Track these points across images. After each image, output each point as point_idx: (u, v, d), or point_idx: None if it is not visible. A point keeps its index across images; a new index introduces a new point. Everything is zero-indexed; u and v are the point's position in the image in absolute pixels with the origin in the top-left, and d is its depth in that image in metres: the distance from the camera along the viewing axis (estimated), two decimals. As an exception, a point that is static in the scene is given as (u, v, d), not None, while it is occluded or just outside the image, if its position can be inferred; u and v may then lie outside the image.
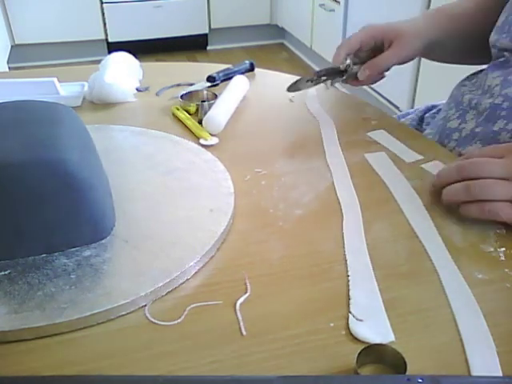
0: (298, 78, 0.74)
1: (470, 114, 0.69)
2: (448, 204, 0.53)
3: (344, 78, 0.73)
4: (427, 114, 0.85)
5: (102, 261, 0.45)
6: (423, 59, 0.87)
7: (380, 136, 0.70)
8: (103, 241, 0.48)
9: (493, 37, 0.70)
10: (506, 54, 0.67)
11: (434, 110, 0.84)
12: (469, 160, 0.52)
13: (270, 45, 3.66)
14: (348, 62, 0.72)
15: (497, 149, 0.52)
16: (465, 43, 0.79)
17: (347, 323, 0.40)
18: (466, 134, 0.68)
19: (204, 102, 0.77)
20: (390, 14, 2.26)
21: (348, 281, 0.44)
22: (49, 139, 0.46)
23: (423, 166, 0.63)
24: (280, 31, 3.62)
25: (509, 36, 0.66)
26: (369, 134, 0.70)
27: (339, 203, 0.55)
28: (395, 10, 2.20)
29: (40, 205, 0.44)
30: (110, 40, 3.27)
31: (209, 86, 0.86)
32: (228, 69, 0.91)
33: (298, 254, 0.48)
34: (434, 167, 0.61)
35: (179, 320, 0.41)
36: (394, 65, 0.73)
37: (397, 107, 2.28)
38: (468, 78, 0.76)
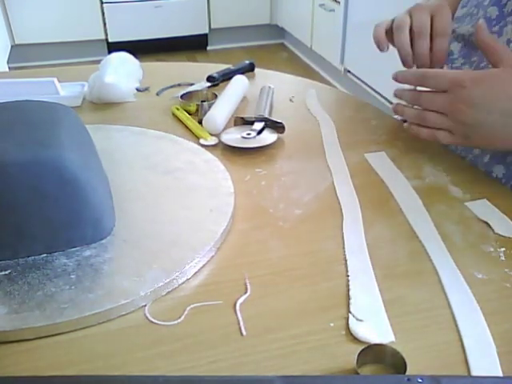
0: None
1: None
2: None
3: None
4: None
5: (102, 261, 0.45)
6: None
7: (377, 160, 0.64)
8: (103, 241, 0.48)
9: (453, 26, 0.72)
10: (453, 45, 0.71)
11: None
12: (417, 93, 0.58)
13: (269, 45, 3.66)
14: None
15: (444, 80, 0.55)
16: None
17: (347, 323, 0.40)
18: None
19: (204, 101, 0.77)
20: (389, 15, 2.26)
21: (348, 281, 0.44)
22: (48, 139, 0.46)
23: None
24: (280, 31, 3.62)
25: (471, 22, 0.69)
26: (366, 155, 0.65)
27: (339, 203, 0.55)
28: (395, 10, 2.20)
29: (40, 205, 0.44)
30: (110, 40, 3.27)
31: (209, 86, 0.86)
32: (228, 69, 0.91)
33: (298, 253, 0.48)
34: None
35: (179, 320, 0.41)
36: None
37: (397, 107, 2.28)
38: None
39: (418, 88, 0.60)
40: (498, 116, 0.53)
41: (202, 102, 0.77)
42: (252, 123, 0.69)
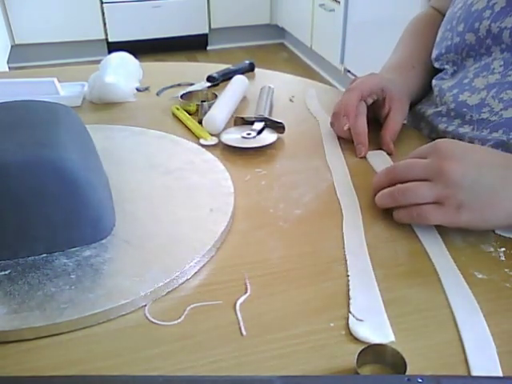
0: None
1: (423, 123, 0.74)
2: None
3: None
4: None
5: (102, 261, 0.45)
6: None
7: (377, 158, 0.64)
8: (103, 241, 0.48)
9: (434, 53, 0.73)
10: (446, 66, 0.72)
11: (405, 121, 0.86)
12: (395, 164, 0.52)
13: (269, 45, 3.66)
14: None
15: (422, 150, 0.51)
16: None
17: (347, 323, 0.40)
18: None
19: (204, 101, 0.77)
20: (389, 14, 2.26)
21: (348, 281, 0.44)
22: (48, 139, 0.46)
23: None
24: (280, 31, 3.62)
25: (450, 48, 0.69)
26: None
27: (339, 203, 0.55)
28: (395, 10, 2.20)
29: (40, 205, 0.44)
30: (109, 40, 3.27)
31: (209, 86, 0.86)
32: (228, 69, 0.91)
33: (298, 253, 0.48)
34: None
35: (179, 320, 0.41)
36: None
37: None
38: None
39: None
40: (487, 169, 0.47)
41: (202, 102, 0.77)
42: (252, 123, 0.69)
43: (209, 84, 0.87)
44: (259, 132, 0.68)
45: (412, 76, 0.75)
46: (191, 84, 0.87)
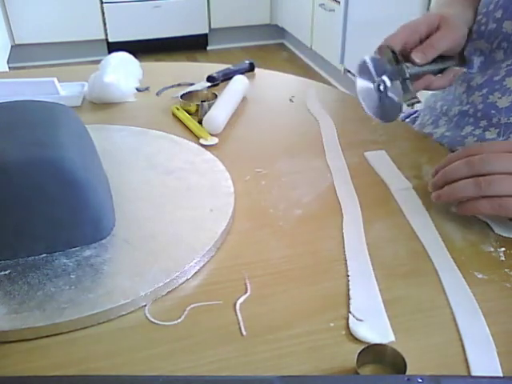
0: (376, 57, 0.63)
1: (443, 120, 0.72)
2: (447, 201, 0.51)
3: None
4: (408, 119, 0.85)
5: (102, 261, 0.45)
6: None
7: (377, 158, 0.64)
8: (103, 241, 0.48)
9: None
10: (473, 56, 0.68)
11: (415, 115, 0.84)
12: (480, 156, 0.48)
13: (269, 45, 3.66)
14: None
15: (508, 143, 0.50)
16: None
17: (347, 323, 0.40)
18: (436, 137, 0.71)
19: (204, 101, 0.77)
20: (389, 14, 2.26)
21: (348, 281, 0.44)
22: (48, 139, 0.46)
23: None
24: (280, 31, 3.62)
25: (483, 34, 0.65)
26: (366, 153, 0.65)
27: (339, 203, 0.55)
28: (395, 10, 2.20)
29: (40, 205, 0.44)
30: (110, 40, 3.27)
31: (209, 86, 0.86)
32: (228, 69, 0.91)
33: (298, 253, 0.48)
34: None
35: (179, 320, 0.41)
36: (447, 48, 0.60)
37: (397, 107, 2.28)
38: None
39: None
40: None
41: (202, 102, 0.77)
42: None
43: (209, 84, 0.87)
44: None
45: (461, 10, 0.68)
46: (191, 84, 0.87)
